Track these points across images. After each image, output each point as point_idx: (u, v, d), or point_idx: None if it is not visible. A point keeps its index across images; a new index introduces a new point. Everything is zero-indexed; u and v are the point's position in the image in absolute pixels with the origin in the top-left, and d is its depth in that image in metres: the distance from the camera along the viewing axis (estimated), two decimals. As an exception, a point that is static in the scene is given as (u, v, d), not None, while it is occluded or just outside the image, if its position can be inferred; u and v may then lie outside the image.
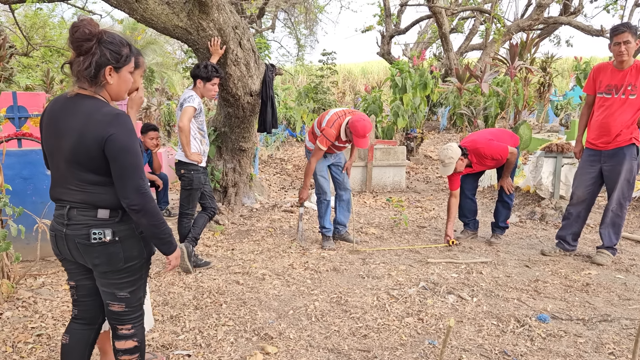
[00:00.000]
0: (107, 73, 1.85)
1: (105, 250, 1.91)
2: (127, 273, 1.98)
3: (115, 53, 1.86)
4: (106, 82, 1.87)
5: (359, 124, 4.33)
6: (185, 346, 2.85)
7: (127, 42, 1.93)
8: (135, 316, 2.08)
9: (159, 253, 2.13)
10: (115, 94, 1.94)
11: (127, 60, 1.91)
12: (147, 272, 2.10)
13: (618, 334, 2.98)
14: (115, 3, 4.70)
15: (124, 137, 1.80)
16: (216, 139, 5.91)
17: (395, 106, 9.42)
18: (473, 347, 2.84)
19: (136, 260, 1.98)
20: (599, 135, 4.14)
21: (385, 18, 15.48)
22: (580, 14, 13.86)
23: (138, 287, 2.05)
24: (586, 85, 4.34)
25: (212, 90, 4.09)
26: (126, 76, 1.93)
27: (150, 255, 2.06)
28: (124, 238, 1.92)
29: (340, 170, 4.92)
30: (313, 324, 3.13)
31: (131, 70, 1.94)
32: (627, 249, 4.67)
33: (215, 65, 4.12)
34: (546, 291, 3.65)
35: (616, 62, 4.06)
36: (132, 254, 1.97)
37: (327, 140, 4.44)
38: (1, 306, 3.31)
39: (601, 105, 4.14)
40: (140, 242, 1.98)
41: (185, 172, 4.05)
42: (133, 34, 15.81)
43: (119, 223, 1.91)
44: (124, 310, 2.03)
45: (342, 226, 5.04)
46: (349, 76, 26.36)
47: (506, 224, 4.96)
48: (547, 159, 5.96)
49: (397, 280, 3.88)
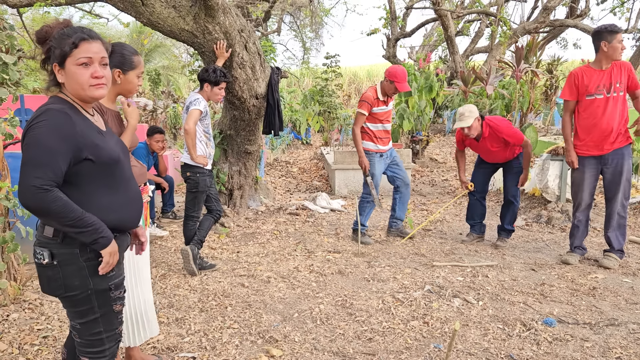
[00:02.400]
0: (56, 72, 1.73)
1: (44, 273, 1.75)
2: (70, 302, 1.78)
3: (55, 47, 1.71)
4: (61, 81, 1.74)
5: (394, 69, 4.65)
6: (190, 349, 2.86)
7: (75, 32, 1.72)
8: (92, 351, 1.85)
9: (162, 254, 2.09)
10: (73, 90, 1.75)
11: (64, 51, 1.69)
12: (107, 306, 1.83)
13: (625, 338, 2.95)
14: (122, 7, 4.73)
15: (37, 130, 1.62)
16: (222, 142, 5.93)
17: (400, 109, 9.42)
18: (479, 351, 2.83)
19: (77, 290, 1.75)
20: (600, 139, 4.09)
21: (391, 21, 15.48)
22: (586, 16, 13.81)
23: (90, 320, 1.81)
24: (567, 92, 4.22)
25: (219, 95, 4.12)
26: (71, 70, 1.71)
27: (105, 291, 1.81)
28: (63, 263, 1.72)
29: (399, 166, 5.03)
30: (318, 327, 3.13)
31: (80, 62, 1.70)
32: (634, 252, 4.64)
33: (223, 70, 4.14)
34: (552, 295, 3.63)
35: (610, 59, 4.07)
36: (73, 282, 1.74)
37: (366, 104, 4.68)
38: (8, 308, 3.33)
39: (592, 108, 4.09)
40: (83, 271, 1.74)
41: (191, 174, 4.06)
42: (139, 37, 15.90)
43: (60, 245, 1.72)
44: (79, 340, 1.85)
45: (400, 221, 5.19)
46: (354, 79, 26.38)
47: (512, 227, 4.94)
48: (554, 161, 5.94)
49: (402, 283, 3.87)
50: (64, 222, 1.64)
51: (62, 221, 1.64)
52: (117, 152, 1.83)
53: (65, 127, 1.65)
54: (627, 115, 4.13)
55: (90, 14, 9.16)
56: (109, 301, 1.83)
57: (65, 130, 1.65)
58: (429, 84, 9.45)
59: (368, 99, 4.71)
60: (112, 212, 1.80)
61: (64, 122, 1.66)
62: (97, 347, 1.85)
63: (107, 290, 1.81)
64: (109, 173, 1.80)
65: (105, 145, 1.78)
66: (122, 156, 1.87)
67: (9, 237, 3.28)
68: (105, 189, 1.79)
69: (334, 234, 5.34)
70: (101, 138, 1.79)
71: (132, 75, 2.39)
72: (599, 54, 4.10)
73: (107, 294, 1.82)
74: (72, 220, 1.65)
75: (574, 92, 4.19)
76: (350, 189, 7.54)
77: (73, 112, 1.73)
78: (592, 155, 4.17)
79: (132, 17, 4.82)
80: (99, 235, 1.70)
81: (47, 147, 1.61)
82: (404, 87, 4.66)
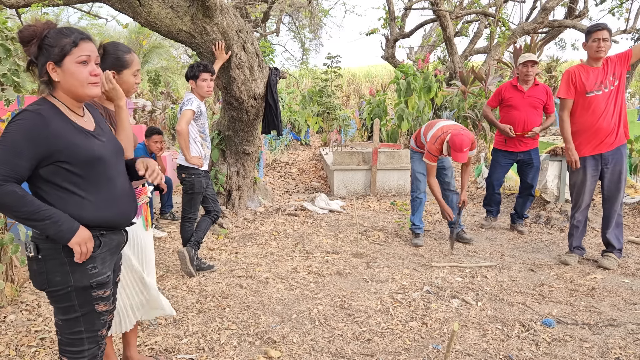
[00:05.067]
0: (50, 70, 1.74)
1: (31, 267, 1.80)
2: (52, 298, 1.82)
3: (52, 47, 1.73)
4: (55, 80, 1.76)
5: (457, 138, 4.39)
6: (188, 350, 2.85)
7: (74, 32, 1.76)
8: (71, 350, 1.87)
9: (160, 256, 2.09)
10: (69, 91, 1.78)
11: (64, 50, 1.73)
12: (89, 306, 1.84)
13: (624, 338, 2.95)
14: (120, 7, 4.73)
15: (7, 129, 1.68)
16: (220, 143, 5.92)
17: (399, 109, 9.41)
18: (477, 351, 2.82)
19: (59, 286, 1.78)
20: (602, 137, 4.08)
21: (390, 21, 15.47)
22: (585, 17, 13.80)
23: (72, 318, 1.83)
24: (564, 91, 4.16)
25: (204, 87, 4.03)
26: (71, 68, 1.75)
27: (87, 288, 1.81)
28: (47, 257, 1.77)
29: (447, 172, 4.99)
30: (316, 328, 3.12)
31: (80, 60, 1.75)
32: (633, 252, 4.63)
33: (202, 63, 4.10)
34: (551, 295, 3.62)
35: (593, 59, 4.08)
36: (54, 278, 1.78)
37: (431, 156, 4.61)
38: (5, 309, 3.31)
39: (594, 106, 4.07)
40: (65, 267, 1.78)
41: (186, 176, 4.04)
42: (138, 38, 15.88)
43: (45, 240, 1.76)
44: (60, 338, 1.88)
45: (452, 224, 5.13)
46: (353, 80, 26.38)
47: (527, 214, 5.50)
48: (552, 162, 5.93)
49: (401, 284, 3.87)
50: (18, 215, 1.69)
51: (16, 214, 1.69)
52: (98, 150, 1.83)
53: (35, 129, 1.69)
54: (625, 111, 4.12)
55: (89, 14, 9.15)
56: (90, 300, 1.84)
57: (35, 131, 1.69)
58: (428, 84, 9.46)
59: (435, 152, 4.57)
60: (94, 211, 1.82)
61: (34, 124, 1.69)
62: (77, 346, 1.87)
63: (88, 288, 1.83)
64: (90, 171, 1.81)
65: (86, 145, 1.79)
66: (108, 154, 1.88)
67: (8, 239, 3.27)
68: (87, 187, 1.80)
69: (332, 235, 5.34)
70: (82, 137, 1.80)
71: (127, 74, 2.37)
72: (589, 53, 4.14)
73: (88, 292, 1.83)
74: (26, 214, 1.68)
75: (571, 90, 4.16)
76: (349, 190, 7.53)
77: (52, 113, 1.75)
78: (592, 155, 4.16)
79: (130, 17, 4.82)
80: (59, 228, 1.72)
81: (11, 145, 1.67)
82: (457, 157, 4.43)
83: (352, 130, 12.60)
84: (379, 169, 7.52)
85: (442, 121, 4.76)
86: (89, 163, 1.80)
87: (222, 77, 5.31)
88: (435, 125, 4.69)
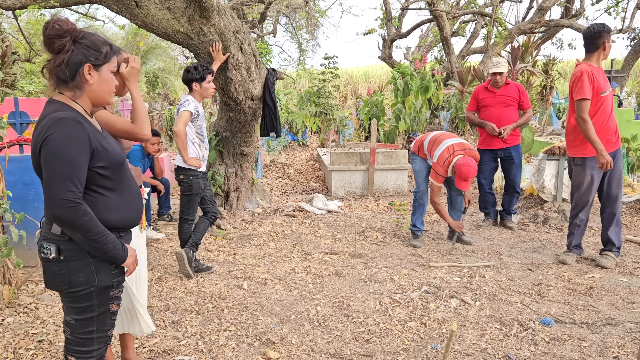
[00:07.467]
0: (85, 72, 1.73)
1: (50, 268, 1.78)
2: (71, 298, 1.80)
3: (93, 50, 1.74)
4: (86, 83, 1.75)
5: (464, 168, 4.39)
6: (187, 352, 2.84)
7: (108, 41, 1.82)
8: (80, 350, 1.87)
9: (158, 257, 2.09)
10: (97, 96, 1.80)
11: (107, 57, 1.77)
12: (105, 305, 1.86)
13: (622, 337, 2.95)
14: (117, 9, 4.72)
15: (57, 142, 1.64)
16: (218, 144, 5.92)
17: (397, 110, 9.41)
18: (476, 351, 2.82)
19: (82, 286, 1.78)
20: (612, 135, 4.10)
21: (387, 22, 15.48)
22: (581, 16, 13.84)
23: (87, 318, 1.83)
24: (587, 91, 3.94)
25: (210, 89, 4.07)
26: (107, 75, 1.80)
27: (108, 288, 1.84)
28: (69, 258, 1.75)
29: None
30: (315, 329, 3.12)
31: (113, 69, 1.82)
32: (631, 251, 4.64)
33: (203, 64, 4.11)
34: (550, 295, 3.63)
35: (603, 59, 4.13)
36: (78, 278, 1.77)
37: (438, 176, 4.64)
38: (2, 312, 3.30)
39: (605, 106, 4.06)
40: (89, 266, 1.77)
41: (184, 177, 4.03)
42: (135, 39, 15.87)
43: (68, 241, 1.74)
44: (70, 337, 1.87)
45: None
46: (350, 80, 26.43)
47: (514, 209, 5.62)
48: (550, 161, 5.94)
49: (399, 284, 3.87)
50: (89, 236, 1.70)
51: (87, 235, 1.69)
52: (121, 153, 1.88)
53: (80, 136, 1.69)
54: None
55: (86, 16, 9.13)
56: (107, 300, 1.87)
57: (81, 139, 1.69)
58: (425, 84, 9.45)
59: (442, 173, 4.60)
60: (119, 213, 1.85)
61: (79, 132, 1.69)
62: (87, 346, 1.87)
63: (109, 288, 1.85)
64: (116, 175, 1.83)
65: (112, 149, 1.82)
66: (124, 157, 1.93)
67: (2, 242, 3.26)
68: (112, 190, 1.83)
69: (330, 236, 5.34)
70: (108, 141, 1.83)
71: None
72: (599, 53, 4.06)
73: (107, 292, 1.85)
74: (96, 235, 1.71)
75: (592, 90, 3.97)
76: (346, 190, 7.53)
77: (82, 118, 1.75)
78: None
79: (127, 19, 4.81)
80: (117, 251, 1.79)
81: (70, 158, 1.65)
82: (461, 185, 4.50)
83: (349, 131, 12.61)
84: (376, 170, 7.53)
85: (446, 138, 4.68)
86: (116, 166, 1.82)
87: (219, 78, 5.31)
88: (440, 145, 4.62)
